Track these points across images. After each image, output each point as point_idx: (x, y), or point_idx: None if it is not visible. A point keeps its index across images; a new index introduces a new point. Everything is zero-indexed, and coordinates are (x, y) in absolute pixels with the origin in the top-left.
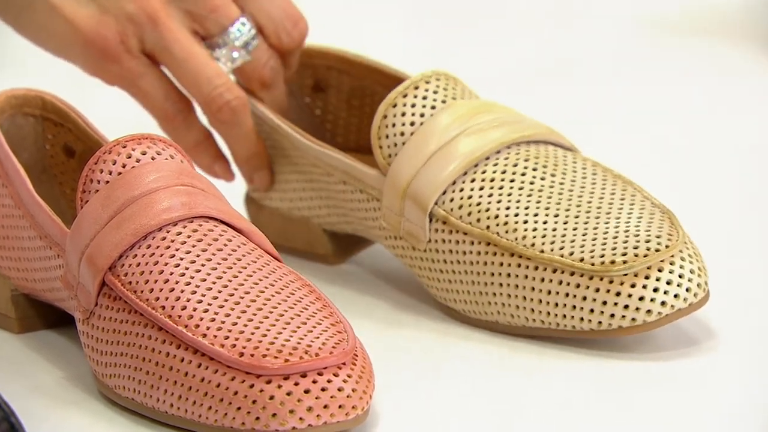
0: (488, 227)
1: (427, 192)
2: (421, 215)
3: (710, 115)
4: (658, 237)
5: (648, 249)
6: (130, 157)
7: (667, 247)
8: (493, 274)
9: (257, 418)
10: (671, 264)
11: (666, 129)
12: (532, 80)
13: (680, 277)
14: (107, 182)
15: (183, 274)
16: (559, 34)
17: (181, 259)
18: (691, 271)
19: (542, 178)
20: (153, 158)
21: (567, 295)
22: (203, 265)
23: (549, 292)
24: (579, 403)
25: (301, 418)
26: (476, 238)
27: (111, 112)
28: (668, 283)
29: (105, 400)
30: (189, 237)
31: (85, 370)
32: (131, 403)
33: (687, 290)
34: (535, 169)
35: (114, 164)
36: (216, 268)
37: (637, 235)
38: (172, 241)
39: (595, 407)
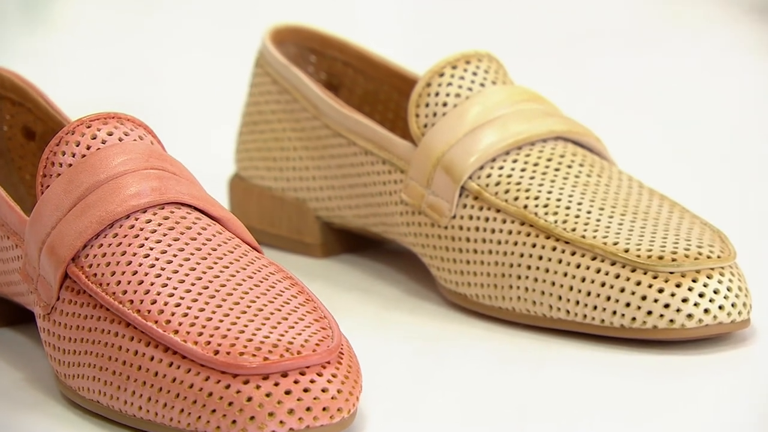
0: (526, 206)
1: (463, 163)
2: (452, 187)
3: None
4: (711, 246)
5: (699, 253)
6: (95, 138)
7: (719, 257)
8: (522, 255)
9: (233, 422)
10: (721, 275)
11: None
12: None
13: (728, 290)
14: (70, 165)
15: (153, 266)
16: (564, 8)
17: (151, 249)
18: (740, 289)
19: (588, 175)
20: (120, 139)
21: (603, 285)
22: (175, 256)
23: (583, 280)
24: (586, 400)
25: (281, 422)
26: (510, 216)
27: (75, 90)
28: (716, 292)
29: (67, 403)
30: (159, 225)
31: (46, 370)
32: (96, 405)
33: (733, 305)
34: (582, 165)
35: (77, 146)
36: (189, 259)
37: (689, 240)
38: (141, 229)
39: (602, 403)
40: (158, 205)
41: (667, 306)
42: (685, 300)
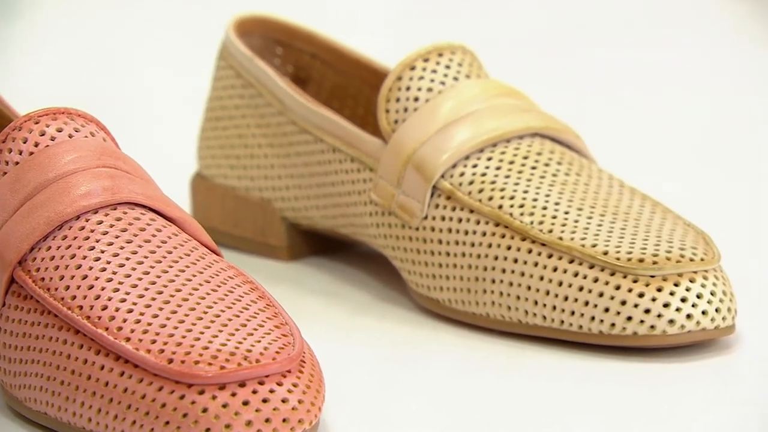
0: (501, 207)
1: (435, 161)
2: (423, 186)
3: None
4: (693, 248)
5: (682, 256)
6: (43, 135)
7: (702, 260)
8: (497, 258)
9: None
10: (704, 278)
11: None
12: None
13: (712, 294)
14: (17, 163)
15: (104, 270)
16: (548, 4)
17: (102, 251)
18: (724, 293)
19: (567, 173)
20: (70, 135)
21: (581, 289)
22: (128, 259)
23: (560, 284)
24: (562, 410)
25: None
26: (485, 216)
27: (26, 83)
28: (698, 296)
29: (13, 415)
30: (111, 226)
31: None
32: (43, 417)
33: (717, 310)
34: (560, 163)
35: (25, 142)
36: (142, 262)
37: (671, 242)
38: (92, 231)
39: (579, 412)
40: (110, 206)
41: (647, 311)
42: (666, 305)
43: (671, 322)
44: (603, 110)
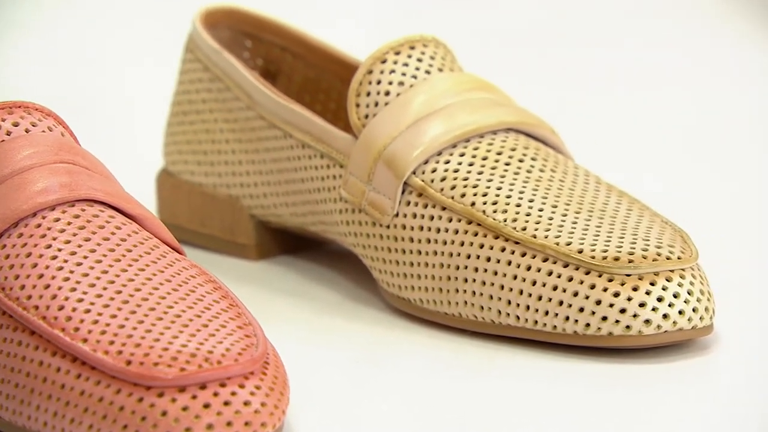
0: (473, 204)
1: (406, 157)
2: (395, 183)
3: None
4: (671, 246)
5: (658, 254)
6: None
7: (679, 258)
8: (469, 257)
9: None
10: (681, 277)
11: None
12: (509, 51)
13: (689, 293)
14: None
15: (61, 268)
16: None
17: (59, 250)
18: (701, 292)
19: (541, 170)
20: (27, 130)
21: (555, 288)
22: (86, 258)
23: (534, 283)
24: (535, 412)
25: None
26: (457, 214)
27: None
28: (675, 295)
29: None
30: (69, 224)
31: None
32: None
33: (694, 310)
34: (534, 159)
35: None
36: (101, 261)
37: (647, 240)
38: (49, 228)
39: (553, 415)
40: (68, 203)
41: (623, 311)
42: (642, 304)
43: (647, 322)
44: (582, 106)
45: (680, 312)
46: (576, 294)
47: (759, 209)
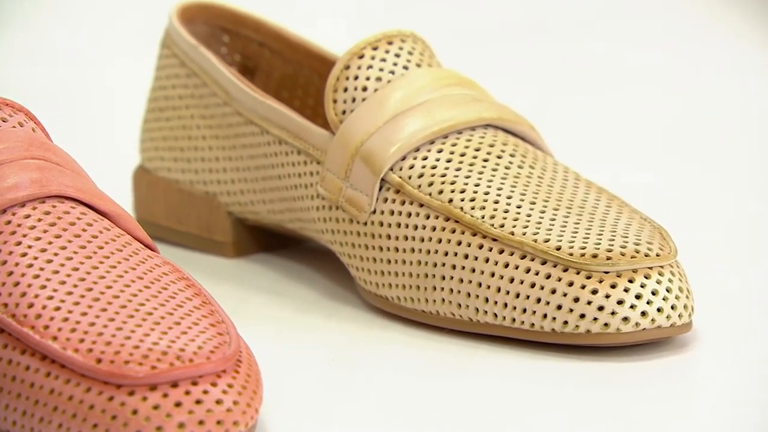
0: (451, 200)
1: (383, 153)
2: (371, 179)
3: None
4: (649, 243)
5: (637, 251)
6: None
7: (658, 255)
8: (446, 254)
9: None
10: (660, 275)
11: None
12: (488, 46)
13: (668, 291)
14: None
15: (31, 266)
16: None
17: (29, 247)
18: (680, 290)
19: (520, 166)
20: None
21: (533, 285)
22: (56, 255)
23: (512, 280)
24: (513, 411)
25: None
26: (434, 211)
27: None
28: (654, 293)
29: None
30: (39, 221)
31: None
32: None
33: (673, 308)
34: (513, 155)
35: None
36: (71, 258)
37: (626, 237)
38: (19, 225)
39: (530, 414)
40: (38, 199)
41: (601, 308)
42: (620, 302)
43: (625, 319)
44: (561, 102)
45: (659, 310)
46: (554, 291)
47: (738, 206)
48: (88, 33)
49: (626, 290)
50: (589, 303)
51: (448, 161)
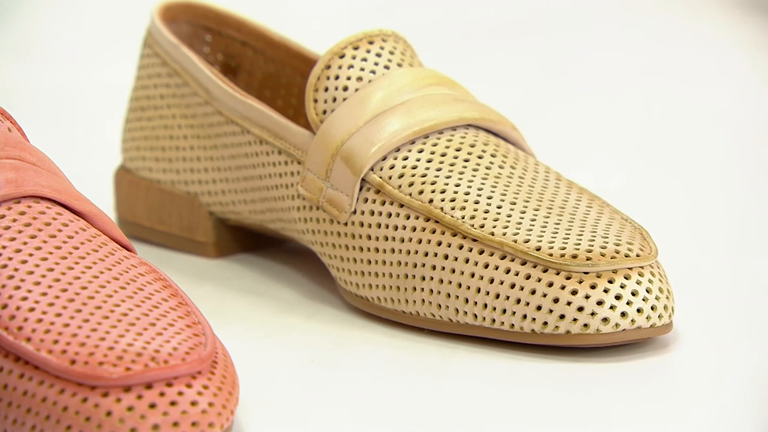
0: (431, 201)
1: (364, 153)
2: (352, 179)
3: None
4: (629, 243)
5: (617, 252)
6: None
7: (638, 256)
8: (427, 254)
9: None
10: (640, 275)
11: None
12: (470, 46)
13: (648, 291)
14: None
15: (5, 266)
16: None
17: (4, 247)
18: (660, 290)
19: (501, 166)
20: None
21: (513, 286)
22: (31, 255)
23: (491, 281)
24: (493, 413)
25: None
26: (415, 211)
27: None
28: (633, 294)
29: None
30: (14, 221)
31: None
32: None
33: (653, 308)
34: (494, 155)
35: None
36: (47, 259)
37: (606, 237)
38: None
39: (510, 416)
40: (14, 199)
41: (580, 309)
42: (600, 302)
43: (605, 320)
44: (543, 103)
45: (639, 310)
46: (534, 292)
47: (718, 207)
48: (69, 32)
49: (606, 291)
50: (568, 303)
51: (429, 161)
